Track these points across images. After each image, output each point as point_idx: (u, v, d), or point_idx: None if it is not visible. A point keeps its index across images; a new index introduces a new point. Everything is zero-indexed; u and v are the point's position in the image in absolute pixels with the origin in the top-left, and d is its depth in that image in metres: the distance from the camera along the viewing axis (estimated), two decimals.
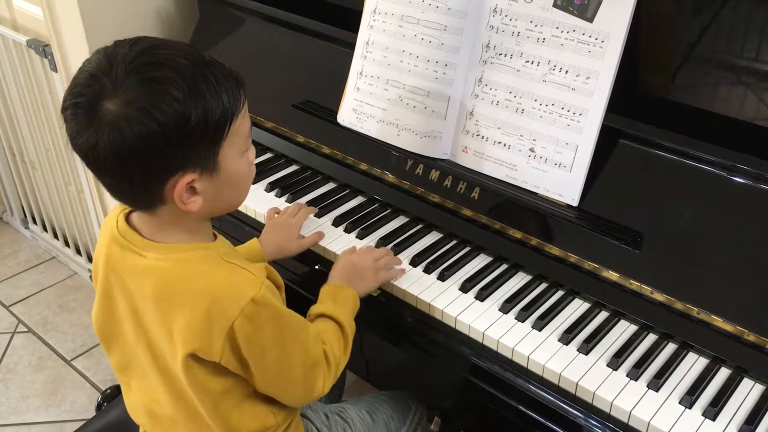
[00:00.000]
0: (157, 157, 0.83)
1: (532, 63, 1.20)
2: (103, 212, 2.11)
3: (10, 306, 2.34)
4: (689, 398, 0.97)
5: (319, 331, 1.03)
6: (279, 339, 0.93)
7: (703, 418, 0.96)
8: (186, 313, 0.89)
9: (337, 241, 1.28)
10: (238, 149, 0.91)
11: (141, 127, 0.81)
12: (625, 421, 0.97)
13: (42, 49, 1.91)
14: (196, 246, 0.93)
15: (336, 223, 1.32)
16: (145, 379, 1.00)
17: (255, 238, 1.24)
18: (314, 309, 1.08)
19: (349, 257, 1.18)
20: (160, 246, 0.92)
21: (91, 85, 0.82)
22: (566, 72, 1.17)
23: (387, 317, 1.18)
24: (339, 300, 1.09)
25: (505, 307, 1.13)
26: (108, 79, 0.82)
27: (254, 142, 1.52)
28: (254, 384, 0.96)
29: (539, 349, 1.05)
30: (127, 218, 0.95)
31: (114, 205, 0.97)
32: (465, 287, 1.17)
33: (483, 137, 1.26)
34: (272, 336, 0.92)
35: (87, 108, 0.82)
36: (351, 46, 1.40)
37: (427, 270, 1.20)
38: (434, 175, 1.30)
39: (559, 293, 1.16)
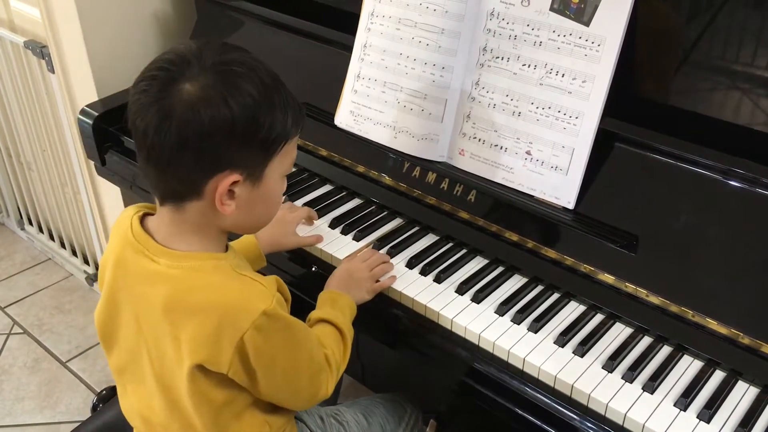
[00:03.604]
0: (217, 147, 0.85)
1: (529, 66, 1.20)
2: (99, 214, 2.10)
3: (5, 307, 2.33)
4: (684, 401, 0.98)
5: (320, 335, 1.04)
6: (288, 348, 0.94)
7: (698, 420, 0.96)
8: (196, 323, 0.88)
9: (334, 243, 1.28)
10: (283, 169, 0.93)
11: (216, 111, 0.83)
12: (620, 423, 0.97)
13: (39, 50, 1.91)
14: (209, 256, 0.92)
15: (333, 225, 1.32)
16: (141, 385, 1.00)
17: None
18: (314, 314, 1.08)
19: (345, 266, 1.18)
20: (173, 253, 0.91)
21: (179, 64, 0.85)
22: (563, 75, 1.17)
23: (383, 319, 1.18)
24: (337, 306, 1.10)
25: (501, 309, 1.13)
26: (197, 64, 0.85)
27: None
28: (258, 394, 0.96)
29: (535, 351, 1.06)
30: (141, 222, 0.95)
31: (116, 208, 0.96)
32: (461, 290, 1.17)
33: (480, 140, 1.27)
34: (282, 346, 0.93)
35: (163, 83, 0.84)
36: (348, 48, 1.40)
37: (424, 272, 1.21)
38: (431, 177, 1.30)
39: (555, 296, 1.16)
